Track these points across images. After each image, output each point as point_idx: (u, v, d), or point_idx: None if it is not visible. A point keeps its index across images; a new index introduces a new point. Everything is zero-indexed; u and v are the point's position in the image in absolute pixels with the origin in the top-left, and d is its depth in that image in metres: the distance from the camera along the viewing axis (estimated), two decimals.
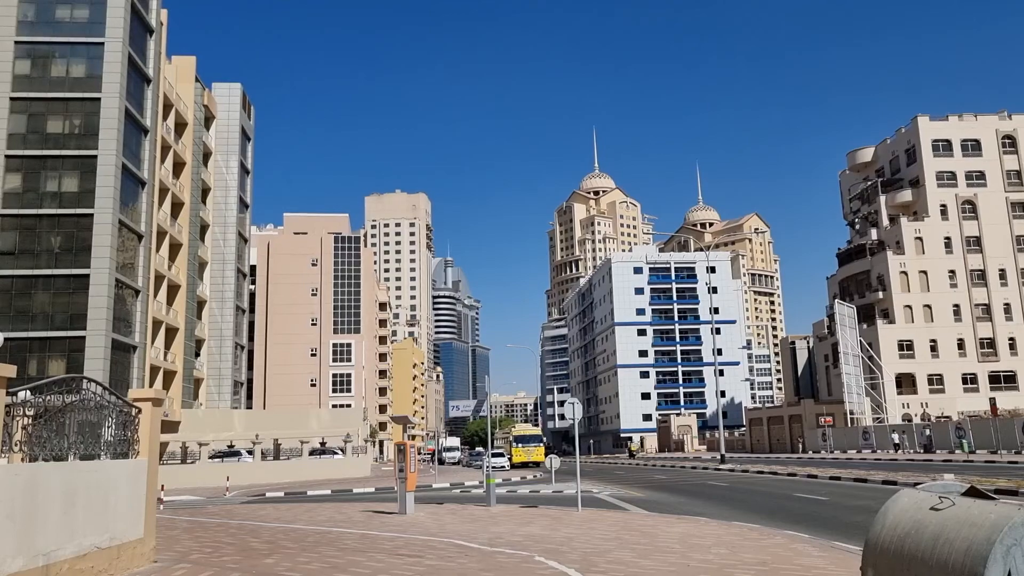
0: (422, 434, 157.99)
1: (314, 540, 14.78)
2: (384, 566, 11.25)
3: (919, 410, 76.76)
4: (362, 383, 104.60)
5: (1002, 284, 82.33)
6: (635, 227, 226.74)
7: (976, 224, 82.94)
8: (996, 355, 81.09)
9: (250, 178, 77.77)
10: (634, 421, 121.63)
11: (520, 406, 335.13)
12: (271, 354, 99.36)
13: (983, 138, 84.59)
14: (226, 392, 69.44)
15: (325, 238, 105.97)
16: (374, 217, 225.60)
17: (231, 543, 14.64)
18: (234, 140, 72.82)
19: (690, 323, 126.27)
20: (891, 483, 25.79)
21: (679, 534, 14.25)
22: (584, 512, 19.23)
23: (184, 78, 64.57)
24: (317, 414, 71.29)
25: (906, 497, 5.73)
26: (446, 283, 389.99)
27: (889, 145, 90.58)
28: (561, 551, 12.35)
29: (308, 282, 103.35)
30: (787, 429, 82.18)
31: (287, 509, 23.65)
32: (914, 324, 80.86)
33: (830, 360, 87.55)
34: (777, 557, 11.26)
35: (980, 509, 4.96)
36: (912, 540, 5.28)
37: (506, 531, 15.54)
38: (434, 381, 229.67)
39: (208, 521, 19.76)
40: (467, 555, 12.19)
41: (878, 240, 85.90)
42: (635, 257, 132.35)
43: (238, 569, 11.26)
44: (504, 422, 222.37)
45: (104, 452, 10.63)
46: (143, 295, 50.81)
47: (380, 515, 20.10)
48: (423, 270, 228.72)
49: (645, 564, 10.89)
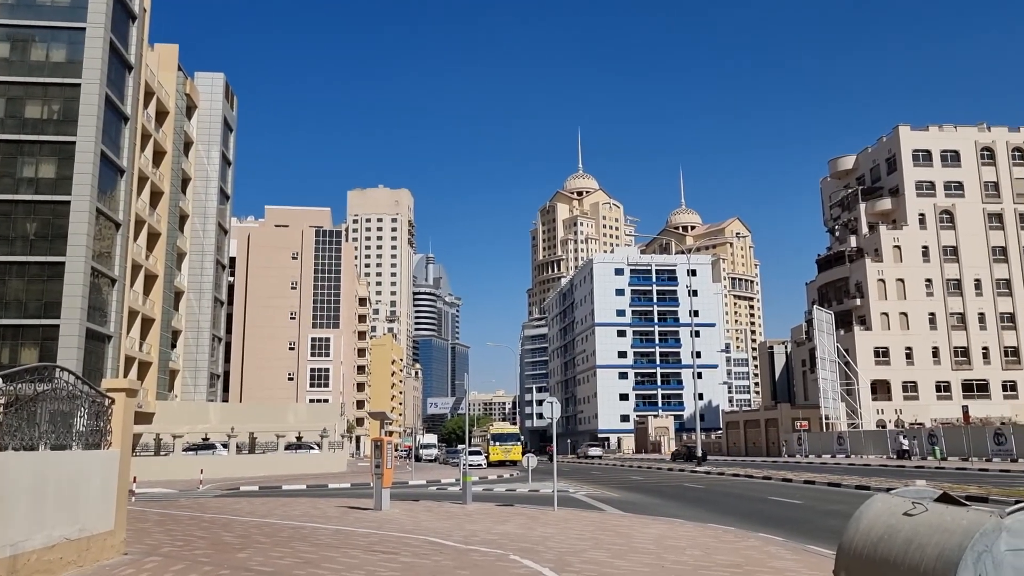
0: (399, 431, 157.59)
1: (288, 535, 14.68)
2: (358, 562, 11.18)
3: (893, 416, 77.60)
4: (340, 378, 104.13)
5: (977, 294, 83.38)
6: (617, 228, 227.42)
7: (953, 234, 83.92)
8: (970, 364, 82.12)
9: (231, 169, 77.16)
10: (612, 422, 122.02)
11: (499, 405, 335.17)
12: (249, 347, 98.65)
13: (962, 149, 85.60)
14: (202, 384, 68.87)
15: (306, 231, 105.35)
16: (356, 212, 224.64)
17: (203, 537, 14.51)
18: (216, 130, 72.21)
19: (670, 325, 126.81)
20: (864, 488, 26.04)
21: (654, 535, 14.29)
22: (560, 512, 19.24)
23: (166, 66, 63.92)
24: (294, 408, 70.89)
25: (880, 502, 5.76)
26: (427, 280, 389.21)
27: (870, 153, 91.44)
28: (536, 550, 12.34)
29: (288, 275, 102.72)
30: (763, 433, 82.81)
31: (261, 503, 23.49)
32: (890, 331, 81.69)
33: (807, 365, 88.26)
34: (751, 559, 11.31)
35: (952, 515, 4.99)
36: (885, 544, 5.31)
37: (482, 529, 15.51)
38: (413, 378, 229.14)
39: (180, 514, 19.58)
40: (442, 553, 12.15)
41: (857, 247, 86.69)
42: (617, 258, 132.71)
43: (210, 563, 11.14)
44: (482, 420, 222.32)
45: (76, 443, 10.49)
46: (119, 284, 50.26)
47: (355, 511, 20.00)
48: (404, 266, 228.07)
49: (620, 564, 10.90)
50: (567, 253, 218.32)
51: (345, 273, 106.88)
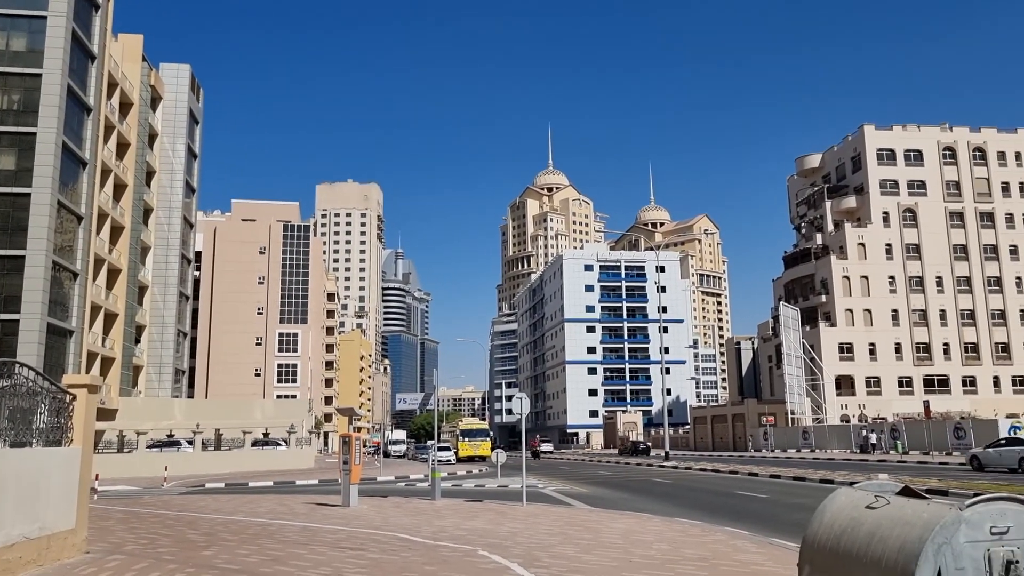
0: (368, 426, 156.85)
1: (254, 532, 14.54)
2: (326, 559, 11.11)
3: (857, 411, 78.87)
4: (308, 374, 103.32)
5: (939, 291, 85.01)
6: (587, 225, 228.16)
7: (916, 232, 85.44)
8: (931, 359, 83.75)
9: (197, 162, 76.07)
10: (581, 417, 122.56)
11: (468, 400, 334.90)
12: (215, 342, 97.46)
13: (925, 149, 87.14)
14: (167, 380, 67.92)
15: (274, 226, 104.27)
16: (325, 206, 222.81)
17: (168, 534, 14.32)
18: (181, 122, 71.13)
19: (638, 321, 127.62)
20: (829, 482, 26.43)
21: (622, 530, 14.37)
22: (529, 507, 19.28)
23: (131, 57, 62.81)
24: (261, 404, 70.26)
25: (843, 496, 5.84)
26: (396, 275, 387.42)
27: (836, 152, 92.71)
28: (505, 545, 12.35)
29: (255, 270, 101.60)
30: (730, 428, 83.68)
31: (227, 500, 23.23)
32: (854, 328, 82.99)
33: (773, 361, 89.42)
34: (717, 553, 11.43)
35: (913, 508, 5.08)
36: (848, 537, 5.38)
37: (450, 525, 15.49)
38: (381, 373, 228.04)
39: (144, 512, 19.30)
40: (410, 548, 12.12)
41: (823, 245, 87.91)
42: (586, 254, 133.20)
43: (174, 561, 11.00)
44: (452, 416, 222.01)
45: (36, 439, 10.29)
46: (81, 279, 49.36)
47: (323, 507, 19.87)
48: (373, 261, 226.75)
49: (588, 559, 10.95)
50: (537, 249, 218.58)
51: (313, 268, 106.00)
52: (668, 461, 49.39)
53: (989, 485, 22.59)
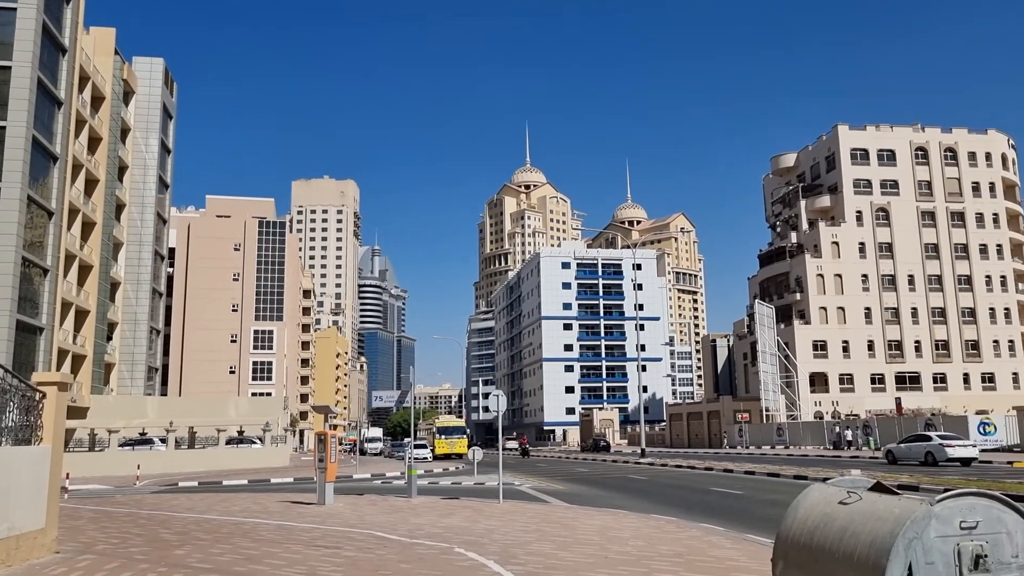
0: (344, 424, 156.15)
1: (228, 531, 14.41)
2: (301, 557, 11.04)
3: (830, 408, 79.76)
4: (283, 371, 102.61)
5: (910, 289, 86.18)
6: (564, 222, 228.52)
7: (889, 231, 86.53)
8: (903, 357, 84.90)
9: (171, 157, 75.18)
10: (557, 414, 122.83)
11: (445, 398, 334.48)
12: (189, 340, 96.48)
13: (898, 149, 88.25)
14: (139, 378, 67.13)
15: (249, 222, 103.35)
16: (301, 202, 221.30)
17: (140, 534, 14.15)
18: (155, 117, 70.27)
19: (615, 319, 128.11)
20: (802, 478, 26.70)
21: (598, 526, 14.42)
22: (505, 504, 19.29)
23: (103, 50, 61.92)
24: (235, 402, 69.61)
25: (816, 492, 5.89)
26: (373, 272, 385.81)
27: (811, 151, 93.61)
28: (481, 543, 12.35)
29: (230, 267, 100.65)
30: (706, 425, 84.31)
31: (201, 499, 23.01)
32: (828, 325, 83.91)
33: (749, 358, 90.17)
34: (692, 549, 11.50)
35: (885, 504, 5.14)
36: (821, 533, 5.44)
37: (427, 522, 15.45)
38: (358, 371, 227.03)
39: (116, 511, 19.06)
40: (386, 546, 12.07)
41: (797, 243, 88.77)
42: (563, 252, 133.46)
43: (146, 560, 10.87)
44: (428, 414, 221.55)
45: (4, 438, 10.12)
46: (52, 275, 48.61)
47: (298, 506, 19.74)
48: (350, 258, 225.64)
49: (564, 556, 10.97)
50: (514, 247, 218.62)
51: (289, 265, 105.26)
52: (644, 458, 49.64)
53: (959, 480, 22.93)
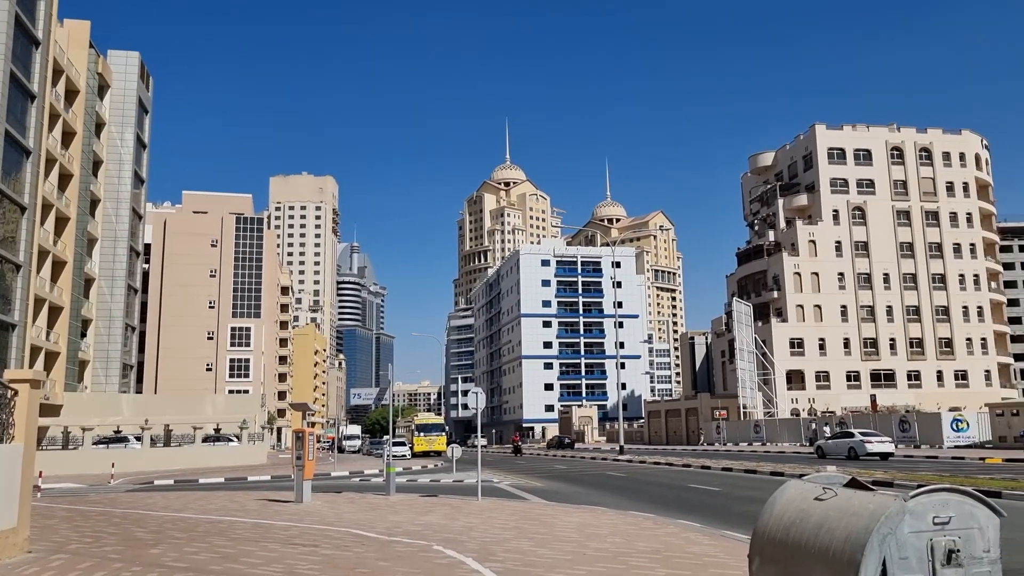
0: (322, 422, 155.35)
1: (204, 530, 14.28)
2: (278, 556, 10.96)
3: (807, 405, 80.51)
4: (261, 369, 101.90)
5: (886, 287, 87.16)
6: (544, 220, 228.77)
7: (864, 230, 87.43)
8: (878, 354, 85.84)
9: (147, 152, 74.35)
10: (536, 412, 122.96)
11: (424, 395, 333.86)
12: (165, 337, 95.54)
13: (874, 148, 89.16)
14: (114, 375, 66.38)
15: (226, 218, 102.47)
16: (279, 199, 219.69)
17: (114, 533, 13.98)
18: (130, 111, 69.45)
19: (594, 316, 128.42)
20: (779, 474, 26.91)
21: (577, 523, 14.44)
22: (484, 502, 19.28)
23: (77, 43, 61.08)
24: (212, 399, 69.01)
25: (792, 488, 5.93)
26: (351, 269, 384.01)
27: (788, 151, 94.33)
28: (460, 540, 12.33)
29: (207, 263, 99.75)
30: (684, 422, 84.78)
31: (176, 497, 22.79)
32: (805, 323, 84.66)
33: (726, 356, 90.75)
34: (670, 545, 11.55)
35: (860, 500, 5.18)
36: (797, 529, 5.47)
37: (405, 520, 15.40)
38: (336, 368, 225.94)
39: (90, 510, 18.84)
40: (364, 544, 12.02)
41: (775, 241, 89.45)
42: (543, 250, 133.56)
43: (120, 560, 10.75)
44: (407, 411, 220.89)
45: None
46: (25, 271, 47.92)
47: (275, 504, 19.61)
48: (328, 255, 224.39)
49: (543, 552, 10.97)
50: (494, 244, 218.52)
51: (267, 261, 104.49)
52: (623, 455, 49.81)
53: (932, 476, 23.22)
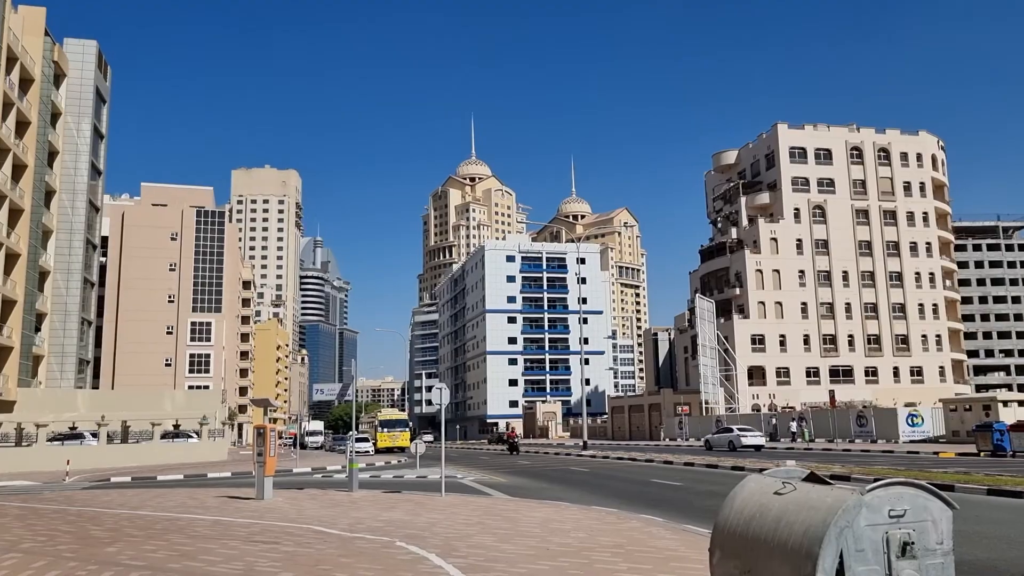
0: (284, 418, 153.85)
1: (162, 527, 14.05)
2: (238, 553, 10.82)
3: (767, 401, 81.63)
4: (222, 364, 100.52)
5: (844, 285, 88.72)
6: (510, 216, 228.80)
7: (825, 228, 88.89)
8: (836, 351, 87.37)
9: (104, 143, 72.85)
10: (501, 407, 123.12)
11: (388, 391, 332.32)
12: (122, 331, 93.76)
13: (834, 148, 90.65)
14: (70, 370, 65.03)
15: (186, 211, 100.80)
16: (241, 192, 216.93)
17: (69, 531, 13.70)
18: (87, 101, 67.98)
19: (559, 312, 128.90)
20: (739, 469, 27.25)
21: (540, 519, 14.47)
22: (448, 497, 19.24)
23: (32, 30, 59.61)
24: (171, 395, 67.91)
25: (752, 482, 5.99)
26: (315, 263, 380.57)
27: (751, 149, 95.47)
28: (423, 536, 12.29)
29: (166, 256, 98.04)
30: (647, 417, 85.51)
31: (134, 495, 22.41)
32: (766, 320, 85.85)
33: (689, 352, 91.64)
34: (632, 540, 11.63)
35: (818, 494, 5.25)
36: (757, 522, 5.53)
37: (368, 516, 15.32)
38: (299, 364, 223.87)
39: (44, 508, 18.44)
40: (326, 541, 11.92)
41: (737, 239, 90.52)
42: (508, 245, 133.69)
43: (76, 558, 10.53)
44: (371, 407, 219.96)
45: None
46: None
47: (236, 501, 19.38)
48: (291, 249, 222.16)
49: (506, 548, 10.98)
50: (459, 239, 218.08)
51: (228, 255, 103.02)
52: (586, 450, 50.09)
53: (888, 470, 23.70)
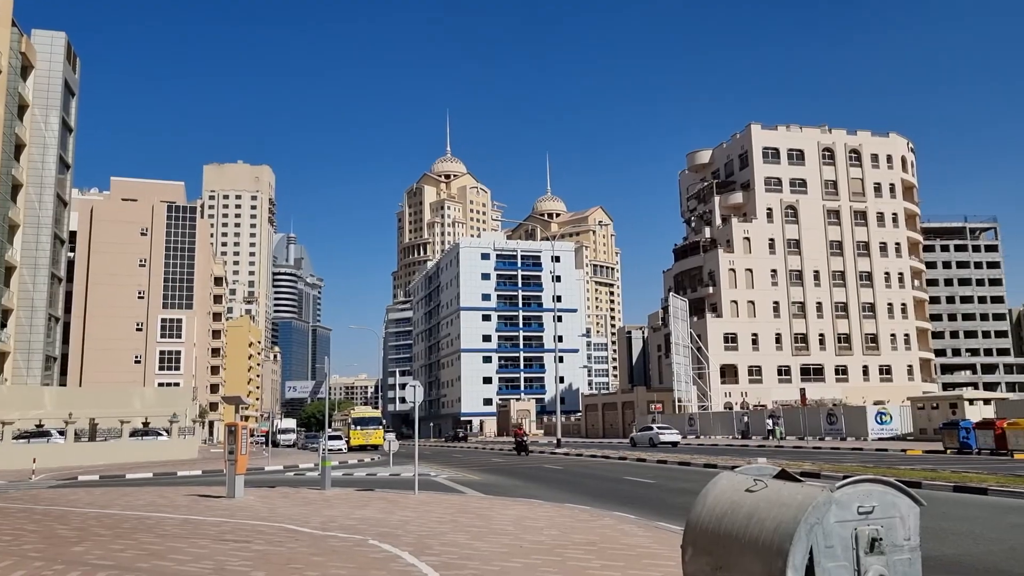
0: (256, 415, 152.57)
1: (131, 526, 13.86)
2: (208, 552, 10.70)
3: (739, 399, 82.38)
4: (193, 361, 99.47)
5: (816, 284, 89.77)
6: (484, 213, 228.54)
7: (797, 228, 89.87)
8: (808, 349, 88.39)
9: (73, 137, 71.67)
10: (475, 405, 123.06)
11: (361, 388, 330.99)
12: (91, 328, 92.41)
13: (806, 149, 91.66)
14: (36, 367, 63.94)
15: (157, 206, 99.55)
16: (213, 187, 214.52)
17: (35, 530, 13.47)
18: (55, 94, 66.81)
19: (533, 310, 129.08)
20: (712, 466, 27.47)
21: (513, 516, 14.48)
22: (421, 495, 19.18)
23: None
24: (141, 393, 67.09)
25: (724, 480, 6.04)
26: (288, 260, 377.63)
27: (725, 149, 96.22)
28: (396, 534, 12.24)
29: (136, 252, 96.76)
30: (620, 415, 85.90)
31: (102, 494, 22.09)
32: (739, 318, 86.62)
33: (663, 350, 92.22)
34: (605, 537, 11.67)
35: (789, 491, 5.30)
36: (728, 519, 5.57)
37: (340, 515, 15.23)
38: (271, 361, 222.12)
39: (9, 507, 18.11)
40: (298, 539, 11.83)
41: (711, 238, 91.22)
42: (483, 243, 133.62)
43: (42, 558, 10.35)
44: (344, 404, 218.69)
45: None
46: None
47: (206, 499, 19.17)
48: (263, 245, 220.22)
49: (479, 546, 10.97)
50: (433, 236, 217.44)
51: (200, 251, 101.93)
52: (560, 448, 50.22)
53: (857, 468, 24.00)
